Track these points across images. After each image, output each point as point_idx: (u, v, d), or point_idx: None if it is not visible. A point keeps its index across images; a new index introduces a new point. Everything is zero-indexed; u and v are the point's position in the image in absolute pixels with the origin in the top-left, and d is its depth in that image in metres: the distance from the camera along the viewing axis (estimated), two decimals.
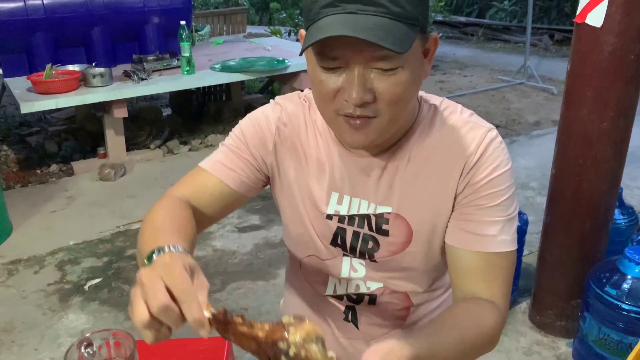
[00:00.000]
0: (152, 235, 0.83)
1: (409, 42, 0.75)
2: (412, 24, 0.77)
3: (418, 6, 0.77)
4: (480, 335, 0.85)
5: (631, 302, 1.82)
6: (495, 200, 0.89)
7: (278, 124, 0.99)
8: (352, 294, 1.03)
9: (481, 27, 8.63)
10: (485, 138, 0.89)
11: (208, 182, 0.98)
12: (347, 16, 0.74)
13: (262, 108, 1.02)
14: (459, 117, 0.93)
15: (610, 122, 1.91)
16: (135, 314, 0.64)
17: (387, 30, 0.73)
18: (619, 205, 2.32)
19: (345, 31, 0.72)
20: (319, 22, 0.76)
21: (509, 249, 0.90)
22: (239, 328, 0.64)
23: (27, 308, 2.50)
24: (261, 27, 7.91)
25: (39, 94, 3.51)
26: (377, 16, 0.74)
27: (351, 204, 0.96)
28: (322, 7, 0.76)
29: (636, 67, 1.84)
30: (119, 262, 2.84)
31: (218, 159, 1.00)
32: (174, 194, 0.98)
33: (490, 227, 0.89)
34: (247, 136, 1.00)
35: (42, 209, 3.40)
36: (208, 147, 4.32)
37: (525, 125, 4.77)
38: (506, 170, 0.90)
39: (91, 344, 0.77)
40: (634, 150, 3.87)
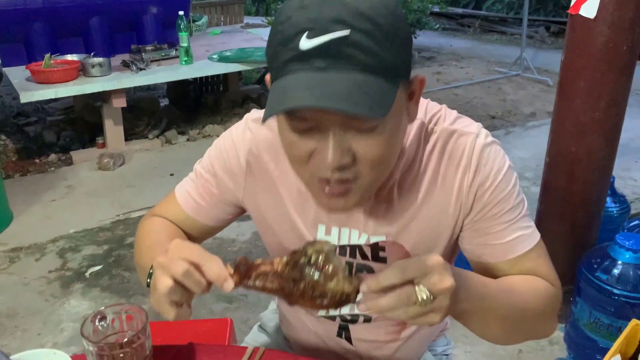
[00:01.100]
0: (150, 250, 0.86)
1: (388, 102, 0.66)
2: (392, 75, 0.67)
3: (399, 52, 0.68)
4: (532, 293, 0.83)
5: (621, 286, 1.87)
6: (508, 203, 0.85)
7: (249, 157, 0.91)
8: (346, 315, 1.00)
9: (478, 19, 8.65)
10: (475, 146, 0.84)
11: (179, 214, 0.99)
12: (315, 76, 0.65)
13: (234, 133, 0.93)
14: (443, 128, 0.86)
15: (603, 112, 1.95)
16: (158, 285, 0.69)
17: (362, 91, 0.64)
18: (610, 194, 2.37)
19: (313, 100, 0.63)
20: (283, 79, 0.67)
21: (537, 240, 0.88)
22: (261, 268, 0.68)
23: (29, 294, 2.54)
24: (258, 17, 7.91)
25: (38, 83, 3.53)
26: (350, 72, 0.65)
27: (340, 234, 0.90)
28: (286, 62, 0.66)
29: (628, 58, 1.88)
30: (120, 250, 2.88)
31: (189, 189, 0.98)
32: (156, 214, 1.02)
33: (515, 229, 0.86)
34: (215, 169, 0.94)
35: (42, 198, 3.43)
36: (206, 137, 4.34)
37: (521, 117, 4.81)
38: (507, 169, 0.85)
39: (105, 317, 0.81)
40: (627, 142, 3.95)
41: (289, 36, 0.66)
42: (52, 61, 3.65)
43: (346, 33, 0.64)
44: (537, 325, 0.88)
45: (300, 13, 0.66)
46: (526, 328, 0.86)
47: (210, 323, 1.40)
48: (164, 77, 4.03)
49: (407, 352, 1.05)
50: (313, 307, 0.67)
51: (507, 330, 0.84)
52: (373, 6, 0.66)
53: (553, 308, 0.89)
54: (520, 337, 0.89)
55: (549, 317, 0.89)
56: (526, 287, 0.85)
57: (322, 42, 0.64)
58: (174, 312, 0.70)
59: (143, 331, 0.78)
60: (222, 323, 1.38)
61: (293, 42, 0.65)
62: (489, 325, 0.81)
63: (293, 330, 1.12)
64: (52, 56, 3.68)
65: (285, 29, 0.67)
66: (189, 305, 0.73)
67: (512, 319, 0.82)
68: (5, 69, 3.94)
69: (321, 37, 0.64)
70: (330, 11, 0.65)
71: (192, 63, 4.02)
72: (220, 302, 2.46)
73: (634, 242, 1.89)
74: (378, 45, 0.65)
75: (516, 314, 0.82)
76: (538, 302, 0.85)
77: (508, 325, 0.83)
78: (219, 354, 0.91)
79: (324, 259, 0.66)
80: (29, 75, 3.61)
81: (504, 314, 0.80)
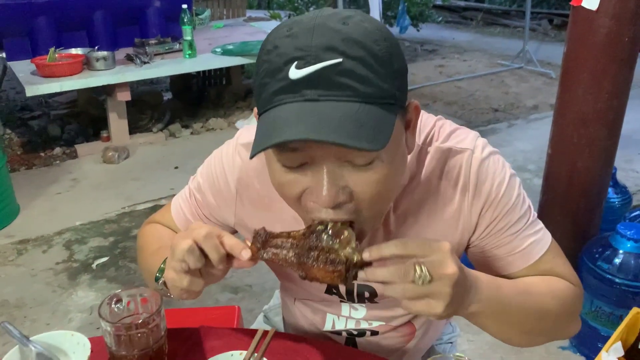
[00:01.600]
0: (156, 255, 0.86)
1: (386, 132, 0.61)
2: (388, 103, 0.63)
3: (395, 80, 0.64)
4: (551, 294, 0.81)
5: (622, 276, 1.89)
6: (515, 214, 0.83)
7: (238, 185, 0.89)
8: (352, 330, 0.98)
9: (480, 12, 8.63)
10: (471, 164, 0.81)
11: (174, 227, 1.00)
12: (307, 105, 0.60)
13: (224, 156, 0.90)
14: (437, 148, 0.82)
15: (605, 103, 1.96)
16: (178, 248, 0.69)
17: (357, 122, 0.59)
18: (612, 185, 2.39)
19: (307, 132, 0.58)
20: (273, 111, 0.62)
21: (549, 242, 0.86)
22: (278, 239, 0.70)
23: (37, 286, 2.57)
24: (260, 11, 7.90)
25: (43, 77, 3.55)
26: (344, 101, 0.60)
27: None
28: (275, 93, 0.62)
29: (630, 49, 1.90)
30: (125, 242, 2.91)
31: (182, 206, 0.97)
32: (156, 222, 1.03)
33: (525, 238, 0.84)
34: (205, 191, 0.93)
35: (48, 191, 3.46)
36: (209, 130, 4.36)
37: (524, 109, 4.82)
38: (509, 179, 0.82)
39: (120, 300, 0.83)
40: (630, 134, 3.96)
41: (277, 66, 0.62)
42: (57, 55, 3.67)
43: (338, 61, 0.60)
44: (559, 327, 0.85)
45: (289, 41, 0.62)
46: (547, 330, 0.84)
47: (219, 310, 1.43)
48: (168, 71, 4.05)
49: (413, 354, 1.06)
50: (325, 277, 0.67)
51: (527, 333, 0.82)
52: (366, 33, 0.62)
53: (575, 308, 0.87)
54: (541, 338, 0.85)
55: (571, 317, 0.87)
56: (545, 288, 0.82)
57: (313, 71, 0.60)
58: (187, 279, 0.71)
59: (158, 313, 0.81)
60: (230, 310, 1.41)
61: (282, 73, 0.61)
62: (506, 328, 0.78)
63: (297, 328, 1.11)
64: (57, 50, 3.70)
65: (273, 58, 0.63)
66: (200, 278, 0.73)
67: (530, 321, 0.80)
68: (10, 63, 3.97)
69: (312, 66, 0.60)
70: (321, 39, 0.61)
71: (195, 56, 4.04)
72: (226, 293, 2.49)
73: (635, 231, 1.91)
74: (373, 72, 0.61)
75: (535, 316, 0.80)
76: (558, 303, 0.82)
77: (527, 328, 0.81)
78: (230, 336, 0.93)
79: (339, 228, 0.67)
80: (34, 69, 3.63)
81: (521, 316, 0.78)
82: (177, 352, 0.90)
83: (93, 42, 4.12)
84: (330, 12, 0.65)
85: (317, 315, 1.01)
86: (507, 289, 0.77)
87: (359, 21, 0.64)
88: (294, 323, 1.09)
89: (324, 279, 0.67)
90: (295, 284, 0.98)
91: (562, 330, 0.87)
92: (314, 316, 1.02)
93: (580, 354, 2.08)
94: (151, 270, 0.84)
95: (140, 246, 1.00)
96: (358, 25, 0.63)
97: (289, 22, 0.65)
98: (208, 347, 0.91)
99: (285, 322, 1.16)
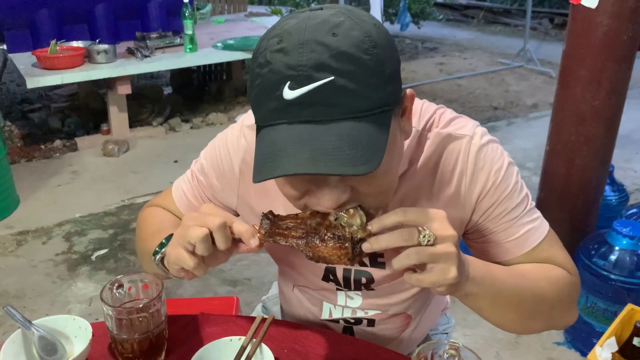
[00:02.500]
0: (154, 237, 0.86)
1: (381, 149, 0.63)
2: (383, 111, 0.65)
3: (387, 85, 0.65)
4: (546, 280, 0.82)
5: (618, 272, 1.91)
6: (512, 200, 0.84)
7: (242, 166, 0.90)
8: (349, 318, 1.00)
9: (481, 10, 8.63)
10: (470, 149, 0.82)
11: (175, 211, 1.01)
12: (304, 131, 0.62)
13: (229, 137, 0.92)
14: (437, 133, 0.84)
15: (603, 101, 1.98)
16: (191, 233, 0.70)
17: (352, 144, 0.61)
18: (609, 183, 2.41)
19: (303, 166, 0.60)
20: (271, 130, 0.64)
21: (547, 231, 0.87)
22: (287, 221, 0.72)
23: (37, 276, 2.58)
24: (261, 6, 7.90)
25: (44, 69, 3.56)
26: (337, 121, 0.62)
27: None
28: (271, 111, 0.64)
29: (629, 47, 1.91)
30: (125, 234, 2.92)
31: (184, 188, 0.99)
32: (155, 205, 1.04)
33: (523, 224, 0.85)
34: (209, 173, 0.94)
35: (48, 183, 3.47)
36: (210, 125, 4.37)
37: (523, 108, 4.83)
38: (507, 166, 0.84)
39: (122, 285, 0.85)
40: (628, 133, 3.98)
41: (271, 85, 0.63)
42: (58, 47, 3.67)
43: (330, 79, 0.61)
44: (555, 314, 0.86)
45: (280, 58, 0.63)
46: (543, 316, 0.84)
47: (218, 300, 1.45)
48: (169, 65, 4.06)
49: (409, 343, 1.08)
50: (332, 255, 0.68)
51: (523, 318, 0.82)
52: (355, 42, 0.63)
53: (571, 296, 0.87)
54: (538, 325, 0.86)
55: (568, 305, 0.87)
56: (541, 273, 0.83)
57: (306, 92, 0.61)
58: (194, 260, 0.72)
59: (159, 298, 0.82)
60: (229, 301, 1.43)
61: (276, 92, 0.63)
62: (501, 312, 0.79)
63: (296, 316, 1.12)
64: (58, 42, 3.71)
65: (266, 75, 0.64)
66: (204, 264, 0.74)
67: (526, 305, 0.80)
68: (10, 55, 3.97)
69: (304, 87, 0.61)
70: (311, 55, 0.61)
71: (196, 51, 4.04)
72: (225, 286, 2.51)
73: (631, 228, 1.93)
74: (364, 85, 0.63)
75: (530, 299, 0.80)
76: (554, 289, 0.83)
77: (522, 312, 0.81)
78: (229, 323, 0.95)
79: (346, 209, 0.69)
80: (35, 61, 3.64)
81: (516, 299, 0.78)
82: (177, 337, 0.91)
83: (94, 35, 4.13)
84: (319, 21, 0.65)
85: (314, 304, 1.02)
86: (499, 271, 0.79)
87: (348, 29, 0.64)
88: (291, 311, 1.11)
89: (332, 257, 0.68)
90: (293, 270, 0.99)
91: (558, 318, 0.87)
92: (311, 305, 1.03)
93: (575, 349, 2.10)
94: (149, 251, 0.85)
95: (139, 228, 1.01)
96: (347, 35, 0.63)
97: (278, 31, 0.66)
98: (207, 333, 0.93)
99: (284, 310, 1.18)
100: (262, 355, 0.84)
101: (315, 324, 1.05)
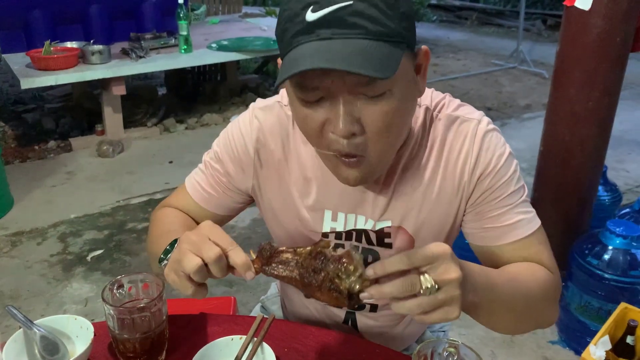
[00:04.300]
0: (161, 238, 0.87)
1: (393, 64, 0.67)
2: (396, 41, 0.69)
3: (402, 21, 0.70)
4: (534, 281, 0.84)
5: (611, 271, 1.93)
6: (509, 188, 0.87)
7: (257, 145, 0.93)
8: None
9: (475, 11, 8.68)
10: (477, 132, 0.86)
11: (190, 204, 1.01)
12: (322, 43, 0.67)
13: (241, 122, 0.95)
14: (447, 115, 0.88)
15: (596, 102, 2.00)
16: (185, 263, 0.70)
17: (367, 55, 0.66)
18: (603, 183, 2.43)
19: (320, 62, 0.65)
20: (292, 52, 0.70)
21: (537, 226, 0.89)
22: (284, 255, 0.70)
23: (32, 277, 2.58)
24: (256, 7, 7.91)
25: (39, 70, 3.54)
26: (355, 39, 0.67)
27: (347, 220, 0.92)
28: (293, 36, 0.70)
29: (621, 49, 1.93)
30: (120, 235, 2.92)
31: (198, 180, 0.99)
32: (168, 205, 1.04)
33: (516, 213, 0.87)
34: (224, 158, 0.96)
35: (42, 184, 3.46)
36: (204, 125, 4.37)
37: (517, 109, 4.87)
38: (508, 155, 0.87)
39: (122, 285, 0.85)
40: (621, 134, 4.02)
41: (295, 12, 0.69)
42: (52, 48, 3.66)
43: (349, 3, 0.67)
44: (542, 313, 0.87)
45: None
46: (533, 316, 0.86)
47: (216, 300, 1.45)
48: (164, 65, 4.06)
49: (407, 334, 1.09)
50: (329, 302, 0.68)
51: (516, 320, 0.84)
52: None
53: (555, 295, 0.89)
54: (527, 325, 0.88)
55: (552, 303, 0.89)
56: (529, 275, 0.85)
57: (327, 13, 0.67)
58: (192, 289, 0.73)
59: (159, 298, 0.83)
60: (226, 301, 1.43)
61: (300, 17, 0.69)
62: (497, 316, 0.80)
63: (297, 311, 1.13)
64: (52, 43, 3.70)
65: (292, 5, 0.70)
66: (205, 286, 0.75)
67: (519, 308, 0.82)
68: (4, 55, 3.96)
69: (326, 8, 0.67)
70: None
71: (191, 52, 4.04)
72: (221, 286, 2.51)
73: (624, 228, 1.95)
74: (381, 13, 0.68)
75: (522, 302, 0.82)
76: (540, 289, 0.85)
77: (516, 315, 0.82)
78: (229, 323, 0.96)
79: (346, 254, 0.67)
80: (29, 62, 3.62)
81: (511, 304, 0.80)
82: (178, 336, 0.92)
83: (89, 36, 4.12)
84: None
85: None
86: (497, 276, 0.79)
87: None
88: (293, 309, 1.11)
89: (328, 302, 0.68)
90: None
91: (544, 317, 0.89)
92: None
93: (570, 348, 2.12)
94: (155, 255, 0.86)
95: (149, 230, 1.01)
96: None
97: None
98: (208, 332, 0.93)
99: (285, 308, 1.18)
100: (264, 354, 0.85)
101: (316, 322, 1.06)
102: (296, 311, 1.12)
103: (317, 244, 0.70)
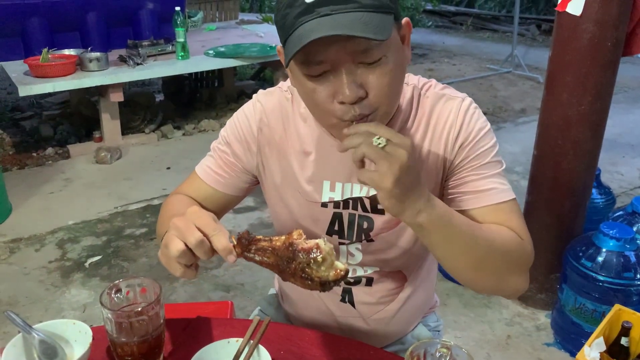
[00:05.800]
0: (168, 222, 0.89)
1: (388, 28, 0.78)
2: (386, 12, 0.79)
3: None
4: (498, 235, 0.88)
5: (605, 273, 1.95)
6: (487, 157, 0.95)
7: (260, 125, 1.02)
8: (349, 278, 1.06)
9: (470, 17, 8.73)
10: (461, 107, 0.95)
11: (201, 188, 1.07)
12: (323, 19, 0.75)
13: (245, 107, 1.05)
14: (434, 92, 0.98)
15: (588, 106, 2.02)
16: (171, 247, 0.76)
17: (364, 23, 0.75)
18: (596, 186, 2.45)
19: (325, 31, 0.74)
20: (296, 31, 0.77)
21: (511, 197, 0.95)
22: (261, 243, 0.76)
23: (30, 284, 2.58)
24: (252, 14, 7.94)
25: (36, 77, 3.56)
26: (351, 12, 0.76)
27: (344, 189, 0.99)
28: (295, 17, 0.77)
29: (613, 54, 1.96)
30: (118, 241, 2.93)
31: (208, 164, 1.07)
32: (178, 192, 1.09)
33: (490, 181, 0.94)
34: (231, 141, 1.04)
35: (40, 191, 3.47)
36: (202, 132, 4.39)
37: (512, 113, 4.90)
38: (488, 129, 0.96)
39: (120, 289, 0.87)
40: (615, 137, 4.05)
41: None
42: (50, 55, 3.68)
43: None
44: (504, 273, 0.90)
45: None
46: (492, 270, 0.88)
47: (213, 305, 1.46)
48: (161, 72, 4.08)
49: (403, 317, 1.14)
50: (302, 287, 0.75)
51: (475, 267, 0.86)
52: None
53: (521, 259, 0.92)
54: (488, 280, 0.89)
55: (518, 268, 0.91)
56: (494, 229, 0.90)
57: None
58: (181, 270, 0.78)
59: (157, 301, 0.84)
60: (223, 305, 1.44)
61: (299, 1, 0.77)
62: (454, 253, 0.84)
63: (295, 306, 1.18)
64: (50, 51, 3.72)
65: None
66: (195, 267, 0.80)
67: (478, 254, 0.85)
68: (2, 63, 3.97)
69: None
70: None
71: (188, 58, 4.07)
72: (218, 291, 2.52)
73: (617, 230, 1.97)
74: None
75: (482, 249, 0.85)
76: (505, 246, 0.88)
77: (474, 260, 0.85)
78: (226, 326, 0.97)
79: (315, 245, 0.73)
80: (27, 70, 3.64)
81: (469, 246, 0.83)
82: (175, 340, 0.93)
83: (86, 43, 4.14)
84: None
85: None
86: (458, 216, 0.85)
87: None
88: (292, 289, 1.15)
89: (302, 287, 0.75)
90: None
91: (507, 280, 0.90)
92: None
93: (565, 349, 2.14)
94: (162, 236, 0.90)
95: (160, 214, 1.07)
96: None
97: None
98: (204, 335, 0.95)
99: (283, 293, 1.22)
100: (260, 357, 0.86)
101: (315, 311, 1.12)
102: (294, 305, 1.17)
103: (290, 235, 0.75)
